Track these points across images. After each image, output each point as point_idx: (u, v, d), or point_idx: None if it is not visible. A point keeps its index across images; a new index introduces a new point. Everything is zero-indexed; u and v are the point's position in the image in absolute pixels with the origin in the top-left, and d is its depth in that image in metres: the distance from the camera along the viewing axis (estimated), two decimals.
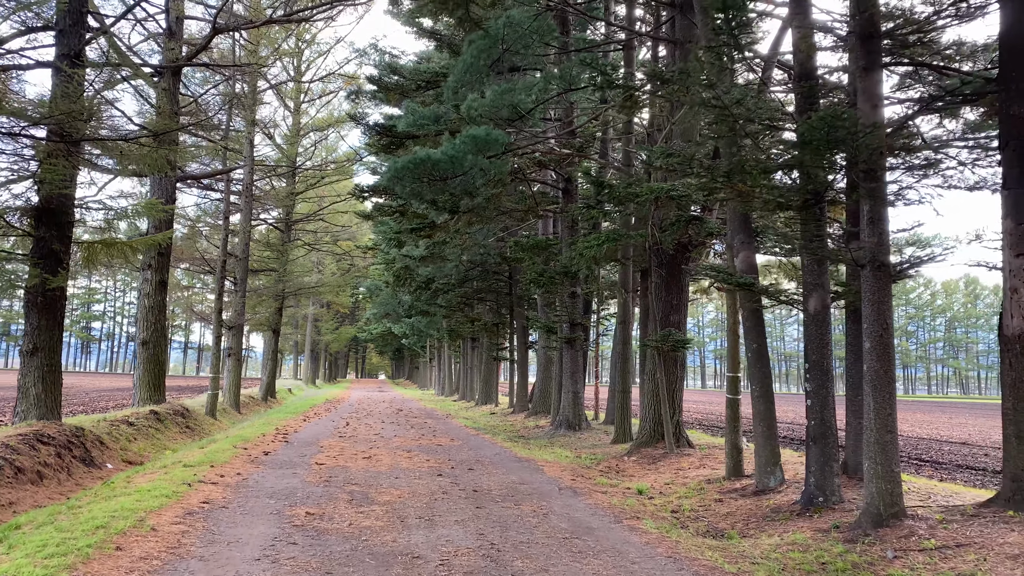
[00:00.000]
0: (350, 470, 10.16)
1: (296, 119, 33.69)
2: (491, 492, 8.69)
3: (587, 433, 17.34)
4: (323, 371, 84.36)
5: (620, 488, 10.00)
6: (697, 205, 11.64)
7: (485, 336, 33.67)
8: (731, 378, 10.82)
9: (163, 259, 18.72)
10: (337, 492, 8.32)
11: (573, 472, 11.07)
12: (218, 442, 12.98)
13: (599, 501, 8.63)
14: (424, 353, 64.86)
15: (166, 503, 6.98)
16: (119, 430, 13.93)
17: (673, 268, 13.38)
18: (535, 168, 17.13)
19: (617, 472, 11.93)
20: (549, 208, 18.99)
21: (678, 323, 13.43)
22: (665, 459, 12.38)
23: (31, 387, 11.94)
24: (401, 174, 13.30)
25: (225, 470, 9.56)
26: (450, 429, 17.90)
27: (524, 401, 26.12)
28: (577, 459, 13.21)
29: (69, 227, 12.52)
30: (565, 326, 18.22)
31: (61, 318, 12.43)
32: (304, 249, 37.73)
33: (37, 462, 10.03)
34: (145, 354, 18.32)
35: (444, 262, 24.45)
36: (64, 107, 10.79)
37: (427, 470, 10.40)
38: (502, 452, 12.97)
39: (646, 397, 13.54)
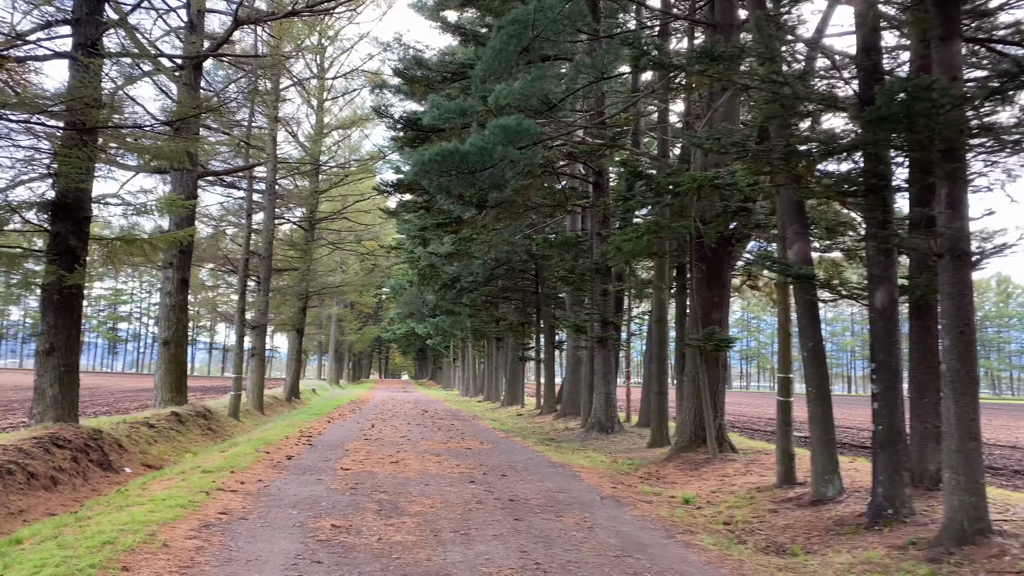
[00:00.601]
0: (377, 476, 9.61)
1: (319, 117, 33.32)
2: (529, 502, 8.08)
3: (620, 436, 16.68)
4: (347, 371, 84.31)
5: (665, 497, 9.35)
6: (743, 195, 10.96)
7: (510, 336, 33.10)
8: (782, 379, 10.12)
9: (185, 257, 18.33)
10: (364, 501, 7.75)
11: (612, 479, 10.44)
12: (240, 445, 12.50)
13: (646, 512, 7.99)
14: (448, 353, 64.45)
15: (181, 514, 6.45)
16: (139, 432, 13.50)
17: (714, 263, 12.70)
18: (565, 160, 16.51)
19: (658, 479, 11.27)
20: (579, 203, 18.35)
21: (720, 321, 12.74)
22: (708, 465, 11.70)
23: (47, 388, 11.53)
24: (428, 167, 12.75)
25: (246, 476, 9.04)
26: (478, 431, 17.33)
27: (552, 402, 25.49)
28: (614, 464, 12.57)
29: (86, 223, 12.10)
30: (596, 325, 17.56)
31: (78, 317, 12.01)
32: (328, 248, 37.38)
33: (51, 467, 9.59)
34: (167, 354, 17.93)
35: (470, 259, 23.89)
36: (78, 94, 10.35)
37: (458, 476, 9.81)
38: (534, 456, 12.36)
39: (686, 399, 12.86)
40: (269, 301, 26.73)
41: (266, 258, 25.89)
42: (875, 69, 7.76)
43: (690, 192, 11.07)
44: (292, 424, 17.26)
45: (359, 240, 39.38)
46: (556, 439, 17.29)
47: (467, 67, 17.80)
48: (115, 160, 13.66)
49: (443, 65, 18.15)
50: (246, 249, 21.45)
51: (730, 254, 12.99)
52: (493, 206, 15.56)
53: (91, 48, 11.88)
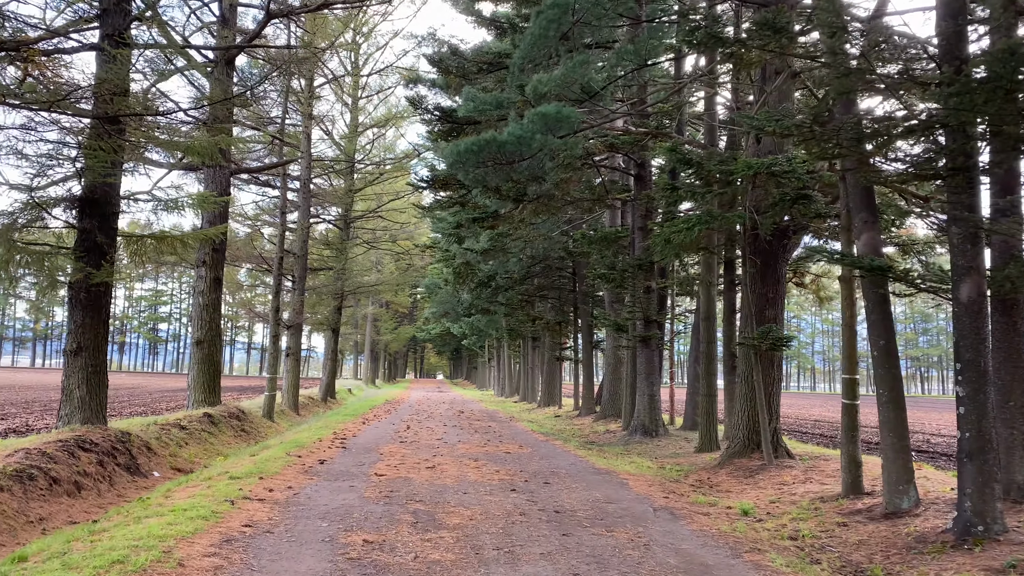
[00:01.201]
0: (413, 483, 9.06)
1: (354, 115, 33.04)
2: (576, 514, 7.46)
3: (665, 440, 15.96)
4: (382, 371, 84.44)
5: (721, 508, 8.65)
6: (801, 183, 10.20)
7: (547, 335, 32.47)
8: (847, 381, 9.36)
9: (218, 256, 18.04)
10: (399, 512, 7.20)
11: (662, 487, 9.77)
12: (271, 448, 12.06)
13: (704, 526, 7.32)
14: (483, 353, 64.03)
15: (202, 527, 5.95)
16: (169, 434, 13.16)
17: (769, 257, 11.94)
18: (605, 152, 15.84)
19: (711, 487, 10.57)
20: (619, 197, 17.67)
21: (775, 318, 11.98)
22: (763, 472, 10.96)
23: (75, 389, 11.21)
24: (464, 158, 12.18)
25: (275, 483, 8.56)
26: (516, 434, 16.74)
27: (591, 403, 24.81)
28: (661, 471, 11.88)
29: (114, 219, 11.77)
30: (639, 323, 16.87)
31: (106, 316, 11.68)
32: (363, 248, 37.13)
33: (75, 471, 9.21)
34: (200, 354, 17.65)
35: (507, 256, 23.31)
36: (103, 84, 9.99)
37: (498, 483, 9.23)
38: (577, 462, 11.74)
39: (738, 401, 12.13)
40: (304, 300, 26.45)
41: (301, 257, 25.60)
42: (959, 37, 7.00)
43: (744, 180, 10.35)
44: (326, 425, 16.84)
45: (394, 239, 39.07)
46: (597, 443, 16.63)
47: (503, 57, 17.22)
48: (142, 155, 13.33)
49: (479, 55, 17.61)
50: (280, 247, 21.14)
51: (785, 247, 12.23)
52: (531, 200, 14.96)
53: (119, 39, 11.54)
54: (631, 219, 19.35)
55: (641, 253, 16.72)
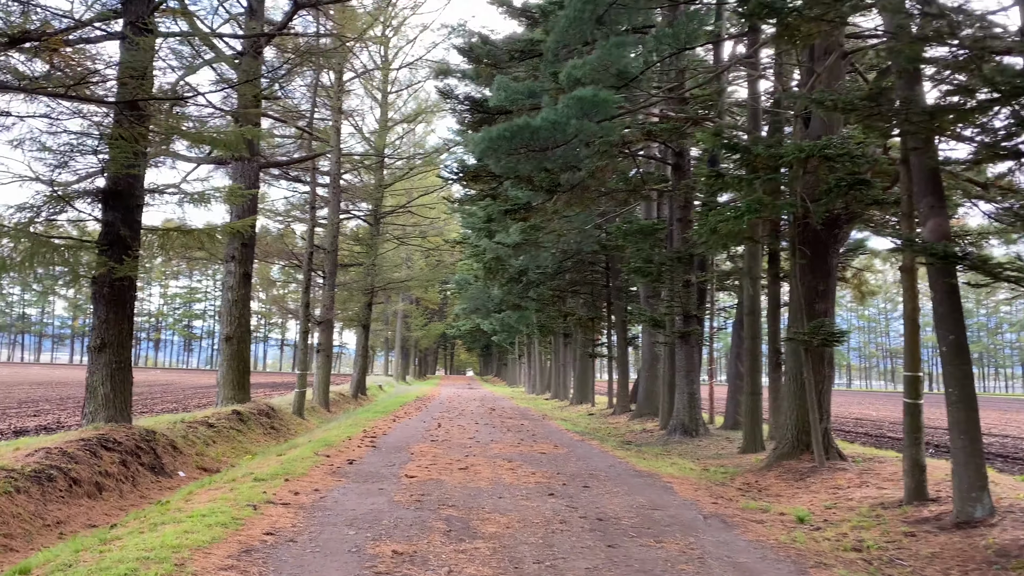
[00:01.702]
0: (445, 485, 8.60)
1: (384, 111, 32.73)
2: (620, 521, 6.94)
3: (706, 440, 15.34)
4: (413, 367, 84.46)
5: (774, 515, 8.07)
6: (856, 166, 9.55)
7: (579, 331, 31.90)
8: (910, 378, 8.69)
9: (247, 251, 17.77)
10: (431, 518, 6.74)
11: (709, 492, 9.20)
12: (299, 447, 11.69)
13: (760, 535, 6.76)
14: (513, 349, 63.58)
15: (220, 536, 5.54)
16: (196, 432, 12.87)
17: (819, 248, 11.28)
18: (642, 140, 15.24)
19: (759, 491, 9.97)
20: (656, 187, 17.05)
21: (825, 312, 11.33)
22: (815, 475, 10.33)
23: (99, 386, 10.93)
24: (496, 144, 11.70)
25: (301, 484, 8.15)
26: (550, 433, 16.23)
27: (625, 401, 24.21)
28: (705, 473, 11.30)
29: (138, 211, 11.47)
30: (678, 319, 16.25)
31: (130, 311, 11.39)
32: (393, 244, 36.86)
33: (97, 472, 8.90)
34: (229, 350, 17.40)
35: (539, 250, 22.78)
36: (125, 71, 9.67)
37: (535, 487, 8.73)
38: (616, 464, 11.20)
39: (785, 400, 11.49)
40: (334, 296, 26.20)
41: (331, 252, 25.33)
42: None
43: (795, 165, 9.73)
44: (356, 423, 16.48)
45: (423, 236, 38.73)
46: (635, 442, 16.06)
47: (535, 44, 16.69)
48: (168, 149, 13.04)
49: (510, 43, 17.10)
50: (310, 243, 20.84)
51: (835, 238, 11.55)
52: (565, 191, 14.42)
53: (141, 25, 11.22)
54: (668, 211, 18.73)
55: (680, 245, 16.11)
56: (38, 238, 10.40)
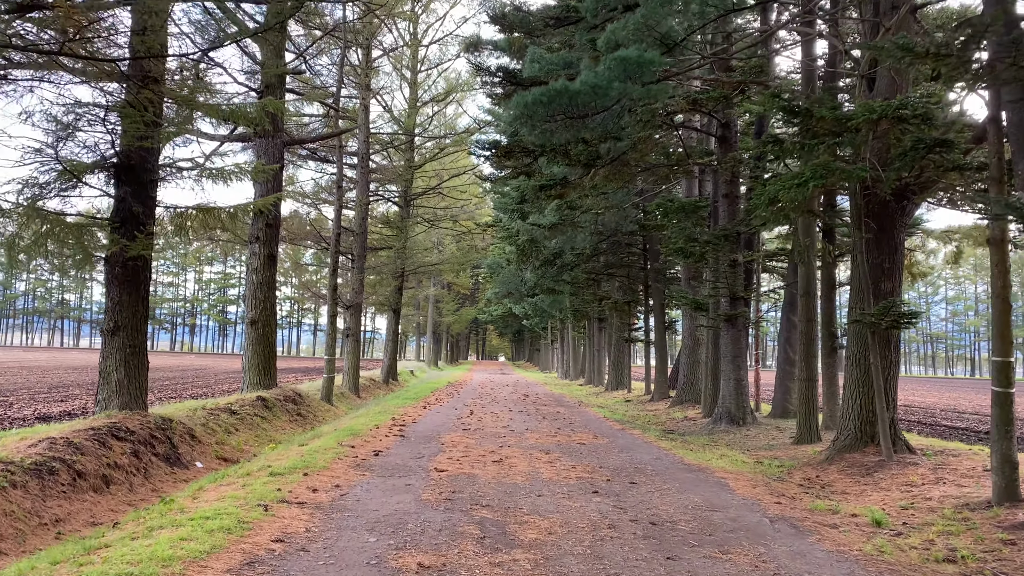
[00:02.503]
0: (478, 481, 7.85)
1: (413, 90, 31.96)
2: (677, 526, 6.12)
3: (754, 429, 14.42)
4: (445, 353, 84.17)
5: (846, 516, 7.19)
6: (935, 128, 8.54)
7: (614, 316, 30.97)
8: (1000, 364, 7.71)
9: (272, 231, 17.15)
10: (463, 522, 5.98)
11: (769, 489, 8.32)
12: (323, 437, 11.03)
13: (839, 544, 5.89)
14: (545, 334, 62.78)
15: (222, 543, 4.83)
16: (218, 420, 12.28)
17: (885, 222, 10.28)
18: (688, 109, 14.27)
19: (822, 487, 9.07)
20: (701, 161, 16.05)
21: (891, 291, 10.34)
22: (883, 469, 9.40)
23: (112, 372, 10.35)
24: (531, 110, 10.83)
25: (321, 480, 7.45)
26: (588, 421, 15.42)
27: (664, 388, 23.29)
28: (759, 467, 10.41)
29: (152, 186, 10.83)
30: (724, 301, 15.30)
31: (145, 292, 10.78)
32: (423, 227, 36.18)
33: (105, 463, 8.29)
34: (254, 334, 16.83)
35: (576, 230, 21.88)
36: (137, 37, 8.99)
37: (576, 483, 7.93)
38: (662, 455, 10.35)
39: (848, 387, 10.54)
40: (364, 279, 25.58)
41: (360, 234, 24.69)
42: None
43: (865, 127, 8.74)
44: (385, 410, 15.82)
45: (454, 219, 37.96)
46: (678, 431, 15.19)
47: (571, 10, 15.72)
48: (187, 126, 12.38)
49: (544, 10, 16.15)
50: (337, 224, 20.18)
51: (903, 210, 10.53)
52: (604, 164, 13.51)
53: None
54: (712, 188, 17.73)
55: (726, 223, 15.14)
56: (47, 216, 9.81)
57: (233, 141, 18.11)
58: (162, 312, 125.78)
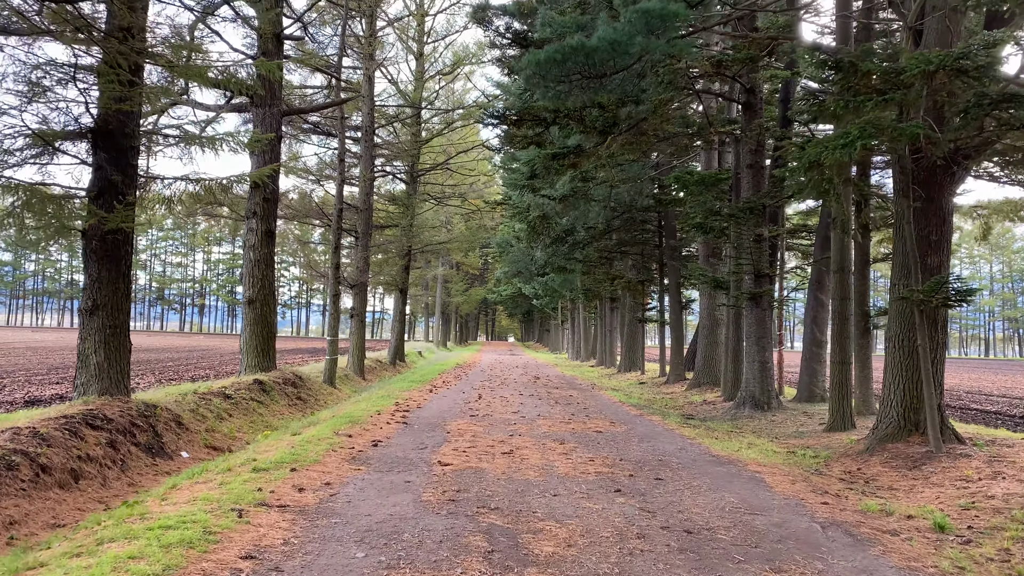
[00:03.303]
0: (486, 477, 7.04)
1: (420, 63, 30.95)
2: (715, 534, 5.28)
3: (780, 414, 13.57)
4: (454, 333, 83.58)
5: (900, 519, 6.34)
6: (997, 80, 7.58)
7: (627, 295, 30.07)
8: None
9: (269, 206, 16.32)
10: (468, 530, 5.17)
11: (810, 485, 7.47)
12: (319, 425, 10.24)
13: (905, 555, 5.05)
14: (556, 315, 61.94)
15: (178, 563, 4.03)
16: (209, 405, 11.52)
17: (933, 188, 9.35)
18: (710, 73, 13.29)
19: (867, 482, 8.22)
20: (724, 130, 15.08)
21: (939, 267, 9.42)
22: (932, 462, 8.54)
23: (91, 355, 9.58)
24: (544, 69, 9.90)
25: (310, 476, 6.65)
26: (603, 406, 14.60)
27: (680, 369, 22.44)
28: (793, 457, 9.56)
29: (132, 154, 9.98)
30: (748, 278, 14.40)
31: (126, 269, 9.98)
32: (431, 205, 35.28)
33: (75, 456, 7.52)
34: (252, 314, 16.06)
35: (589, 204, 20.94)
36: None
37: (596, 479, 7.11)
38: (687, 446, 9.51)
39: (889, 370, 9.65)
40: (368, 258, 24.74)
41: (364, 211, 23.82)
42: None
43: (919, 81, 7.78)
44: (388, 394, 15.04)
45: (463, 198, 37.01)
46: (698, 416, 14.35)
47: None
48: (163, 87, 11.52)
49: None
50: (339, 198, 19.32)
51: (952, 177, 9.58)
52: (622, 131, 12.57)
53: None
54: (733, 159, 16.76)
55: (751, 195, 14.20)
56: (17, 187, 8.99)
57: (229, 111, 17.26)
58: (171, 293, 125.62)
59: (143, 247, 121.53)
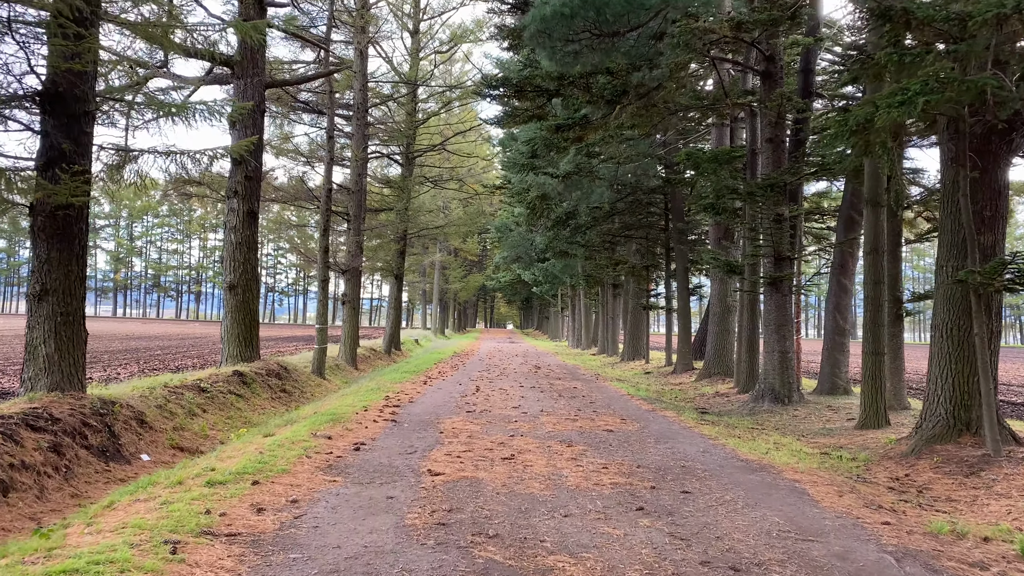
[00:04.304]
0: (483, 491, 6.00)
1: (415, 40, 29.74)
2: (768, 571, 4.24)
3: (802, 408, 12.55)
4: (452, 320, 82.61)
5: (978, 542, 5.31)
6: None
7: (631, 281, 29.00)
8: None
9: (252, 184, 15.21)
10: (460, 568, 4.13)
11: (859, 497, 6.43)
12: (297, 423, 9.19)
13: None
14: (556, 302, 60.88)
15: None
16: (180, 400, 10.48)
17: (985, 160, 8.29)
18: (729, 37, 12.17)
19: (919, 491, 7.19)
20: (740, 101, 13.97)
21: (992, 246, 8.38)
22: (991, 467, 7.51)
23: (40, 345, 8.52)
24: (550, 25, 8.81)
25: (274, 492, 5.61)
26: (610, 399, 13.57)
27: (688, 358, 21.41)
28: (827, 459, 8.54)
29: (87, 120, 8.88)
30: (767, 262, 13.35)
31: (80, 249, 8.90)
32: (427, 188, 34.12)
33: (7, 463, 6.46)
34: (233, 301, 14.99)
35: (594, 182, 19.81)
36: None
37: (612, 493, 6.07)
38: (710, 448, 8.47)
39: (937, 363, 8.62)
40: (362, 242, 23.64)
41: (356, 192, 22.71)
42: None
43: (987, 29, 6.70)
44: (379, 387, 14.00)
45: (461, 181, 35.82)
46: (713, 410, 13.32)
47: None
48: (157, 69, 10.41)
49: None
50: (327, 179, 18.21)
51: (1010, 145, 8.52)
52: (633, 101, 11.46)
53: None
54: (748, 136, 15.67)
55: (771, 171, 13.12)
56: None
57: (210, 83, 16.14)
58: (167, 280, 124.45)
59: (139, 233, 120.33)
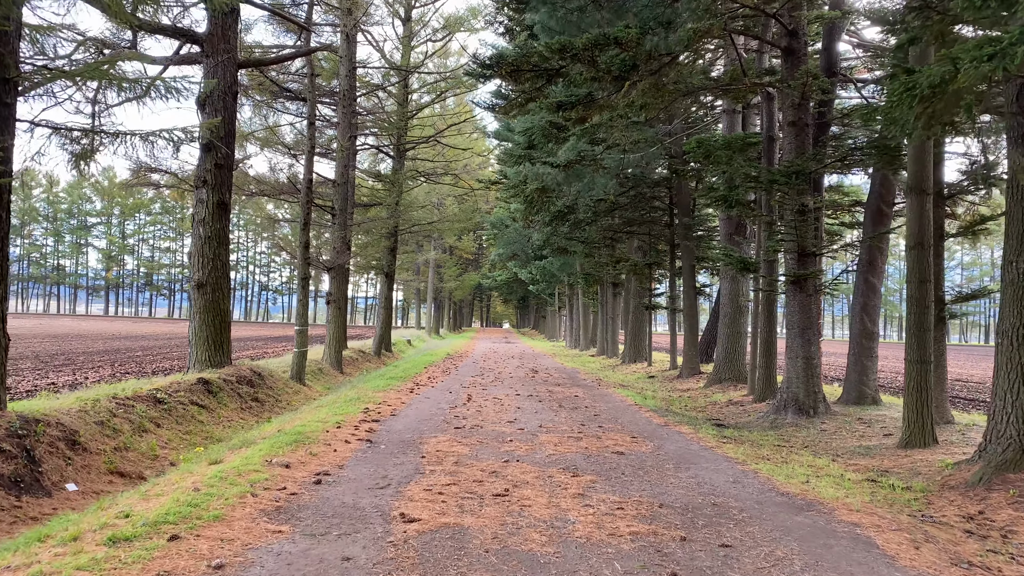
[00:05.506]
0: (468, 545, 4.70)
1: (407, 27, 28.41)
2: None
3: (830, 421, 11.26)
4: (447, 320, 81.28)
5: None
6: None
7: (633, 280, 27.73)
8: None
9: (222, 173, 13.88)
10: None
11: (938, 548, 5.14)
12: (253, 446, 7.85)
13: None
14: (552, 301, 59.58)
15: None
16: (129, 415, 9.15)
17: None
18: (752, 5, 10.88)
19: (1004, 536, 5.90)
20: (759, 81, 12.68)
21: None
22: None
23: None
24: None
25: (195, 551, 4.30)
26: (616, 410, 12.28)
27: (694, 362, 20.12)
28: (877, 489, 7.24)
29: (8, 89, 7.56)
30: (790, 258, 12.08)
31: (2, 238, 7.58)
32: (420, 182, 32.80)
33: None
34: (202, 300, 13.66)
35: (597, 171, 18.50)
36: None
37: (633, 551, 4.77)
38: (740, 476, 7.16)
39: (1005, 375, 7.34)
40: (348, 238, 22.31)
41: (342, 184, 21.37)
42: None
43: None
44: (360, 396, 12.68)
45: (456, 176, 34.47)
46: (729, 423, 12.03)
47: None
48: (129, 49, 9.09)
49: None
50: (307, 168, 16.87)
51: None
52: (644, 75, 10.15)
53: None
54: (765, 119, 14.40)
55: (794, 157, 11.84)
56: None
57: (178, 63, 14.79)
58: (160, 278, 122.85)
59: (131, 231, 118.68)
